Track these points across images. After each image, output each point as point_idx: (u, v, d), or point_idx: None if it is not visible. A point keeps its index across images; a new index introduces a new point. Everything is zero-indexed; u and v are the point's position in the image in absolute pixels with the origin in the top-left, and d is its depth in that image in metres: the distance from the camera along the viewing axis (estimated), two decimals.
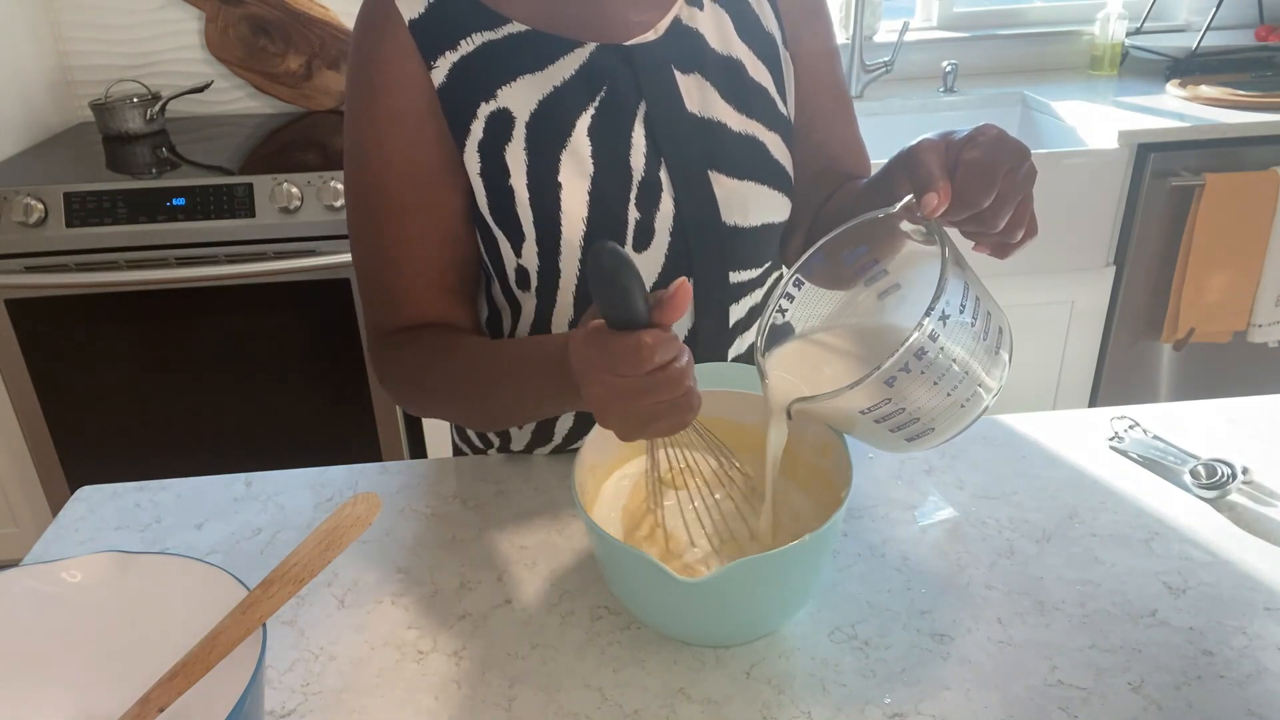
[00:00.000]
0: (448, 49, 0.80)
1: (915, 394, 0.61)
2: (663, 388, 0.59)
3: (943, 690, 0.66)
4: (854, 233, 0.68)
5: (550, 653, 0.71)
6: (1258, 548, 0.78)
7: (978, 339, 0.62)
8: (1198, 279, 2.07)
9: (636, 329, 0.58)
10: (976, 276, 0.65)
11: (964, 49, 2.55)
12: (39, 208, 1.79)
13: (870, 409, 0.63)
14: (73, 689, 0.62)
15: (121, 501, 0.90)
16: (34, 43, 2.22)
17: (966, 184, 0.63)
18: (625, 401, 0.60)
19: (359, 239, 0.86)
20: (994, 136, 0.64)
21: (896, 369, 0.60)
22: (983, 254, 0.69)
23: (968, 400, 0.63)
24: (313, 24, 2.25)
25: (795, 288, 0.71)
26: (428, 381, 0.83)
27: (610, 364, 0.59)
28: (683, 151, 0.83)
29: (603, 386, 0.60)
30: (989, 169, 0.63)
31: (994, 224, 0.65)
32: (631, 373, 0.58)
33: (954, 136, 0.66)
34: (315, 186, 1.82)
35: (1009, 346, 0.66)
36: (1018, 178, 0.64)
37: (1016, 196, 0.64)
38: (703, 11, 0.86)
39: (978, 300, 0.63)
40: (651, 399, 0.59)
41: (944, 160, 0.64)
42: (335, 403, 1.99)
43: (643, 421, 0.61)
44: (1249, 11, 2.54)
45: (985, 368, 0.63)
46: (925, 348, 0.59)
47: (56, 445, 1.98)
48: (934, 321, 0.59)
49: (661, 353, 0.58)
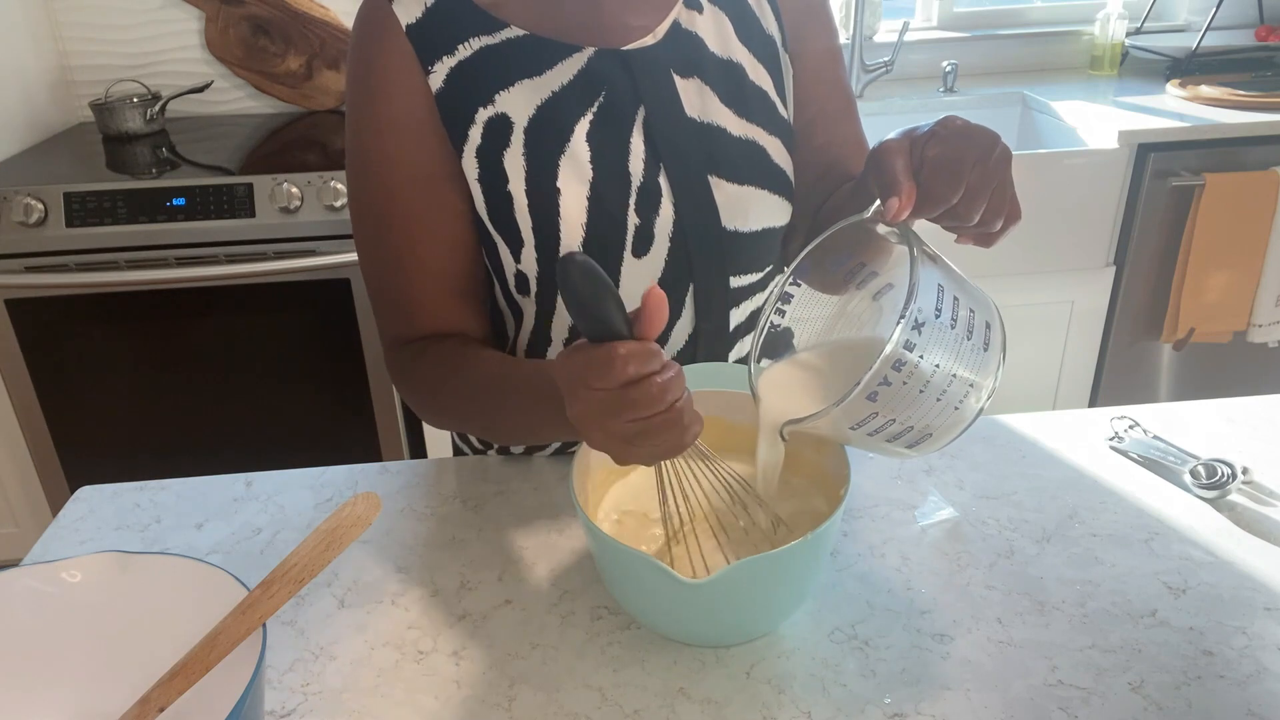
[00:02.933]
0: (445, 54, 0.80)
1: (902, 404, 0.61)
2: (641, 403, 0.56)
3: (943, 690, 0.66)
4: (835, 240, 0.67)
5: (550, 653, 0.70)
6: (1258, 548, 0.78)
7: (960, 340, 0.61)
8: (1198, 279, 2.07)
9: (614, 341, 0.56)
10: (957, 273, 0.64)
11: (964, 49, 2.55)
12: (39, 208, 1.79)
13: (859, 425, 0.62)
14: (73, 689, 0.62)
15: (121, 501, 0.90)
16: (34, 43, 2.22)
17: (933, 181, 0.61)
18: (603, 418, 0.58)
19: (367, 250, 0.85)
20: (957, 129, 0.62)
21: (875, 384, 0.58)
22: (966, 244, 0.67)
23: (961, 401, 0.63)
24: (313, 24, 2.25)
25: (785, 302, 0.71)
26: (439, 401, 0.83)
27: (585, 376, 0.57)
28: (682, 156, 0.82)
29: (581, 402, 0.58)
30: (954, 163, 0.61)
31: (969, 217, 0.62)
32: (606, 385, 0.56)
33: (918, 132, 0.63)
34: (315, 186, 1.82)
35: (1001, 340, 0.64)
36: (987, 167, 0.61)
37: (989, 186, 0.62)
38: (702, 14, 0.85)
39: (956, 300, 0.61)
40: (630, 415, 0.57)
41: (908, 161, 0.62)
42: (335, 403, 1.99)
43: (626, 441, 0.59)
44: (1249, 11, 2.54)
45: (974, 366, 0.62)
46: (902, 359, 0.58)
47: (56, 445, 1.98)
48: (905, 332, 0.57)
49: (636, 365, 0.55)
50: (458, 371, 0.81)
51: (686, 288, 0.85)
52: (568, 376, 0.59)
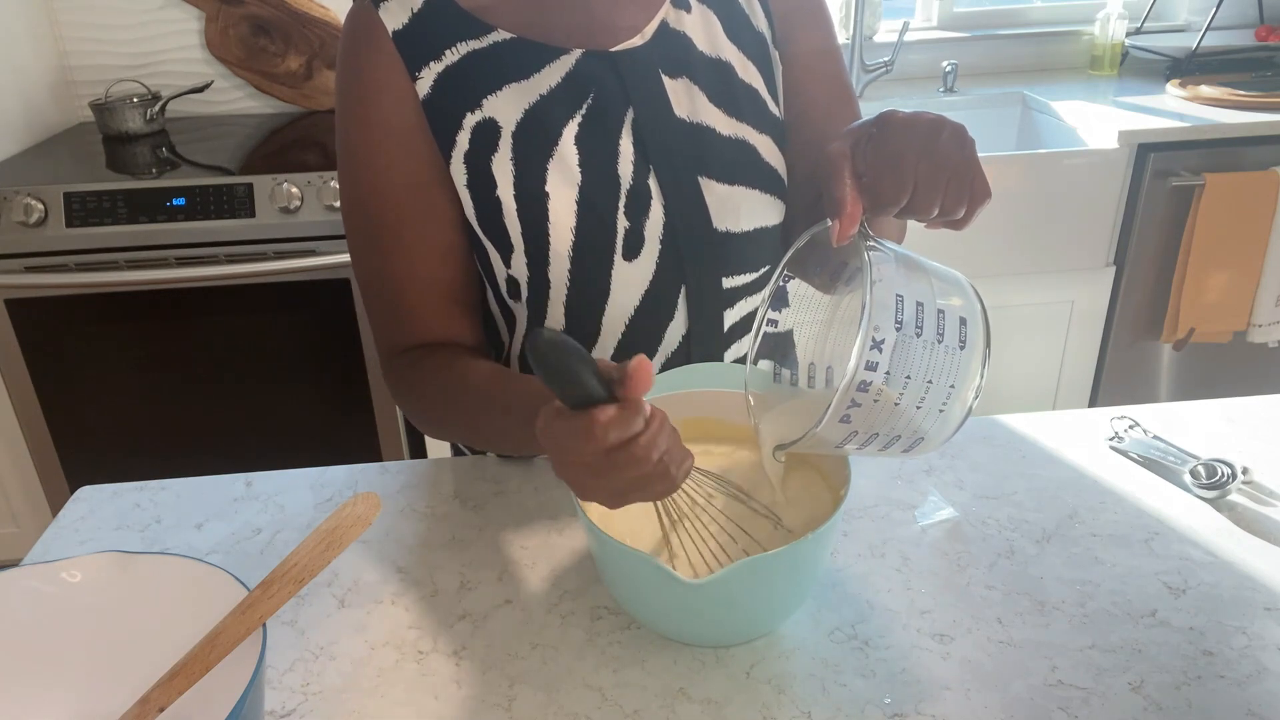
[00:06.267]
0: (432, 59, 0.80)
1: (880, 420, 0.60)
2: (626, 465, 0.56)
3: (943, 690, 0.66)
4: (812, 244, 0.67)
5: (550, 653, 0.70)
6: (1258, 548, 0.78)
7: (930, 346, 0.60)
8: (1198, 279, 2.07)
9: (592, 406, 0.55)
10: (924, 270, 0.62)
11: (964, 49, 2.55)
12: (39, 208, 1.79)
13: (843, 442, 0.62)
14: (73, 689, 0.62)
15: (121, 501, 0.90)
16: (34, 43, 2.22)
17: (879, 184, 0.59)
18: (592, 480, 0.57)
19: (360, 258, 0.85)
20: (899, 124, 0.60)
21: (843, 409, 0.58)
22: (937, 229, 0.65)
23: (945, 404, 0.62)
24: (313, 24, 2.25)
25: (778, 306, 0.71)
26: (435, 413, 0.83)
27: (566, 445, 0.56)
28: (672, 158, 0.82)
29: (566, 468, 0.58)
30: (896, 161, 0.59)
31: (926, 211, 0.60)
32: (588, 453, 0.55)
33: (864, 132, 0.61)
34: (315, 186, 1.82)
35: (982, 334, 0.63)
36: (934, 158, 0.59)
37: (940, 176, 0.59)
38: (690, 14, 0.85)
39: (920, 306, 0.60)
40: (616, 477, 0.56)
41: (850, 172, 0.61)
42: (335, 403, 1.99)
43: (619, 494, 0.58)
44: (1249, 11, 2.54)
45: (951, 369, 0.61)
46: (866, 380, 0.58)
47: (56, 445, 1.98)
48: (863, 356, 0.57)
49: (617, 431, 0.54)
50: (452, 386, 0.81)
51: (678, 290, 0.85)
52: (550, 443, 0.58)
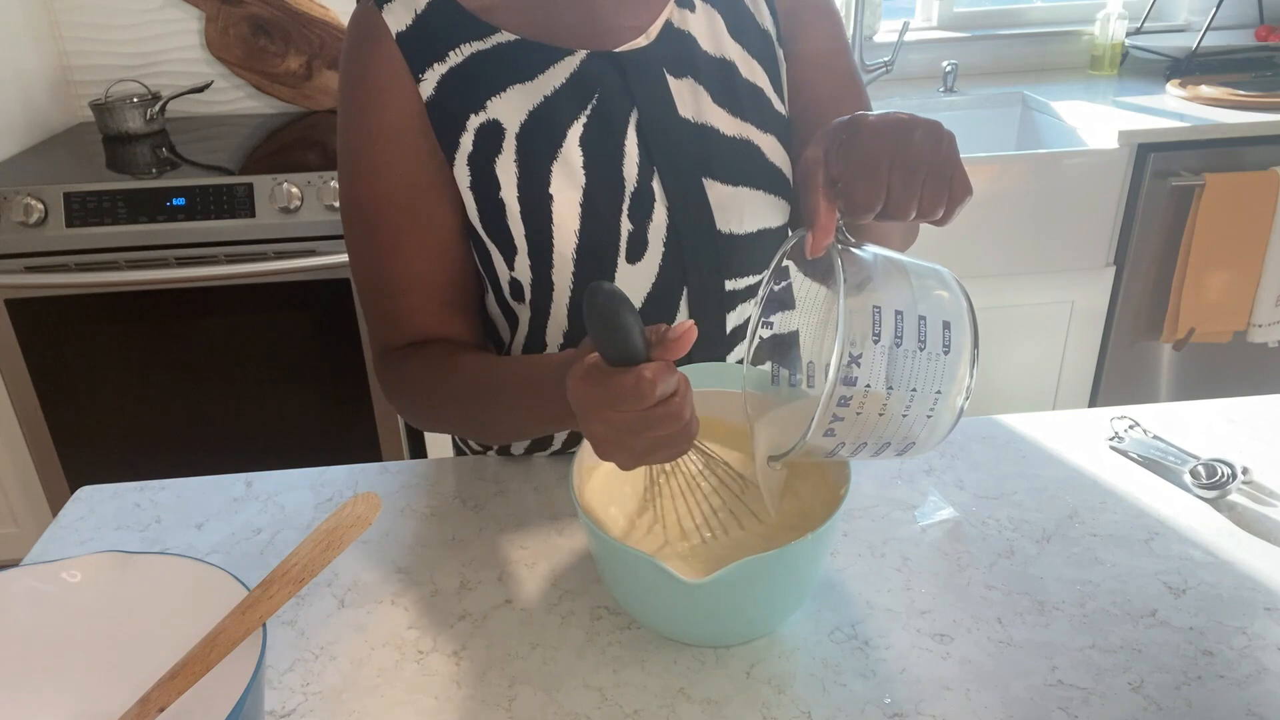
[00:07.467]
0: (436, 61, 0.80)
1: (865, 430, 0.60)
2: (664, 422, 0.58)
3: (943, 690, 0.66)
4: (796, 253, 0.66)
5: (550, 653, 0.70)
6: (1258, 548, 0.78)
7: (911, 355, 0.59)
8: (1198, 279, 2.07)
9: (635, 364, 0.57)
10: (903, 270, 0.61)
11: (964, 49, 2.55)
12: (39, 208, 1.79)
13: (833, 452, 0.62)
14: (73, 689, 0.62)
15: (121, 501, 0.90)
16: (34, 43, 2.22)
17: (853, 191, 0.59)
18: (627, 437, 0.59)
19: (356, 258, 0.85)
20: (869, 127, 0.59)
21: (826, 423, 0.58)
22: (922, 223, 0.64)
23: (933, 409, 0.61)
24: (313, 24, 2.25)
25: (772, 309, 0.70)
26: (431, 401, 0.83)
27: (611, 401, 0.58)
28: (676, 159, 0.82)
29: (603, 423, 0.59)
30: (869, 167, 0.58)
31: (903, 214, 0.59)
32: (633, 409, 0.57)
33: (835, 138, 0.60)
34: (315, 186, 1.82)
35: (969, 336, 0.61)
36: (908, 161, 0.58)
37: (915, 178, 0.58)
38: (694, 13, 0.85)
39: (899, 314, 0.59)
40: (652, 434, 0.59)
41: (823, 181, 0.60)
42: (335, 403, 1.99)
43: (643, 453, 0.60)
44: (1249, 11, 2.54)
45: (935, 375, 0.60)
46: (846, 395, 0.57)
47: (56, 445, 1.98)
48: (840, 369, 0.57)
49: (662, 387, 0.57)
50: (451, 372, 0.81)
51: (680, 292, 0.85)
52: (587, 402, 0.59)
